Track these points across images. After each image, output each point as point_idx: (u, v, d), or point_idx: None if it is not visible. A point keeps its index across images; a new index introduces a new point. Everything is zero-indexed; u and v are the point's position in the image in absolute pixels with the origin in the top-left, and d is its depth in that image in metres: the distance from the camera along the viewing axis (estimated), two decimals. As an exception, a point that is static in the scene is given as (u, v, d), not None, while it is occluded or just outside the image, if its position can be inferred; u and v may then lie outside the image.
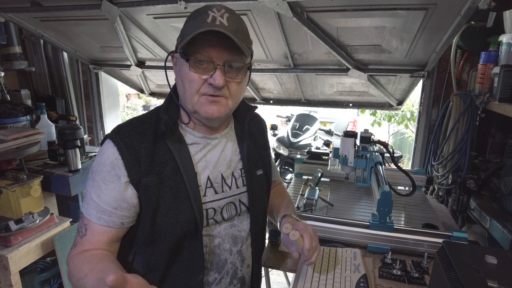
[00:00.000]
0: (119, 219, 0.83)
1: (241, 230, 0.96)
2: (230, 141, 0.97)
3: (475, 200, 1.58)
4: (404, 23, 1.45)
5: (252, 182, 0.96)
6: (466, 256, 0.81)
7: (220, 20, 0.78)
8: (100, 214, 0.81)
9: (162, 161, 0.84)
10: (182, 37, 0.83)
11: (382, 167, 1.44)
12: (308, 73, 2.02)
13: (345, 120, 6.18)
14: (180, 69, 0.84)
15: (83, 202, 0.86)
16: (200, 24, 0.77)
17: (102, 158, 0.82)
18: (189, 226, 0.84)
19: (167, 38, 1.97)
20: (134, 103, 9.53)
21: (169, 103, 0.91)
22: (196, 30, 0.76)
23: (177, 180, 0.84)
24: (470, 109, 1.63)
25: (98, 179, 0.82)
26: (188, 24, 0.82)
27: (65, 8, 1.78)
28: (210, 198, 0.90)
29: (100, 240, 0.83)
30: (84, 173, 1.96)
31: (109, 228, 0.83)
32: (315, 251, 0.90)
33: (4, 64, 2.28)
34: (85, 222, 0.84)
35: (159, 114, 0.87)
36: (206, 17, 0.78)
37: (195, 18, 0.80)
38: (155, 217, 0.83)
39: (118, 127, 0.86)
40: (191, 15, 0.83)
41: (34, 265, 1.79)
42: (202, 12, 0.80)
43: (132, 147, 0.81)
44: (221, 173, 0.92)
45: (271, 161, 1.11)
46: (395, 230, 1.23)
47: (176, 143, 0.86)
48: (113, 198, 0.81)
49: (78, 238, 0.84)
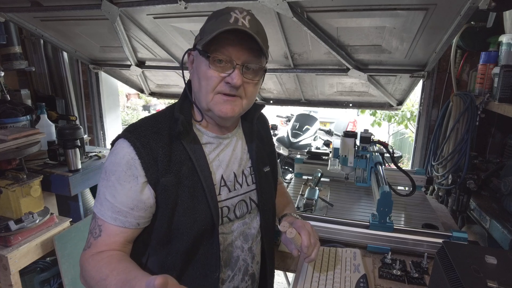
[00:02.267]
0: (135, 220, 0.82)
1: (252, 228, 0.98)
2: (240, 139, 0.98)
3: (475, 200, 1.58)
4: (404, 23, 1.45)
5: (261, 180, 0.98)
6: (466, 256, 0.80)
7: (242, 21, 0.79)
8: (115, 214, 0.81)
9: (179, 160, 0.83)
10: (202, 35, 0.83)
11: (382, 167, 1.44)
12: (308, 73, 2.02)
13: (345, 120, 6.18)
14: (198, 66, 0.85)
15: (96, 202, 0.84)
16: (222, 24, 0.78)
17: (116, 157, 0.81)
18: (206, 225, 0.85)
19: (167, 38, 1.97)
20: (134, 103, 9.54)
21: (183, 101, 0.91)
22: (219, 29, 0.77)
23: (194, 180, 0.84)
24: (470, 109, 1.63)
25: (113, 179, 0.80)
26: (210, 23, 0.82)
27: (65, 8, 1.78)
28: (225, 197, 0.91)
29: (115, 241, 0.82)
30: (84, 173, 1.96)
31: (125, 228, 0.82)
32: (314, 248, 0.90)
33: (4, 64, 2.28)
34: (99, 222, 0.82)
35: (175, 113, 0.87)
36: (228, 18, 0.79)
37: (217, 17, 0.81)
38: (173, 217, 0.83)
39: (132, 126, 0.85)
40: (212, 15, 0.84)
41: (34, 265, 1.79)
42: (224, 12, 0.81)
43: (149, 146, 0.81)
44: (233, 172, 0.93)
45: (276, 159, 1.12)
46: (395, 230, 1.23)
47: (191, 143, 0.86)
48: (129, 199, 0.80)
49: (91, 239, 0.83)
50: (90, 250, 0.81)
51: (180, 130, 0.84)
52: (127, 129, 0.85)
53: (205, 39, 0.79)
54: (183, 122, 0.84)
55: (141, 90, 2.83)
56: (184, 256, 0.86)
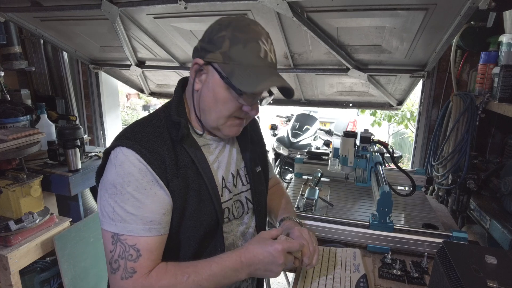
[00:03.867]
0: (167, 224, 0.79)
1: (249, 227, 0.99)
2: (234, 140, 0.99)
3: (475, 200, 1.58)
4: (404, 23, 1.45)
5: (254, 179, 0.99)
6: (466, 256, 0.80)
7: (271, 56, 0.80)
8: (149, 225, 0.75)
9: (184, 164, 0.81)
10: (226, 59, 0.78)
11: (382, 167, 1.44)
12: (308, 73, 2.02)
13: (345, 120, 6.18)
14: (215, 88, 0.81)
15: (111, 222, 0.74)
16: (254, 58, 0.78)
17: (123, 168, 0.74)
18: (211, 227, 0.85)
19: (167, 38, 1.97)
20: (134, 103, 9.53)
21: (178, 103, 0.88)
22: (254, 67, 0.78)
23: (199, 183, 0.83)
24: (470, 109, 1.62)
25: (130, 190, 0.74)
26: (236, 48, 0.77)
27: (65, 8, 1.78)
28: (227, 198, 0.91)
29: (159, 253, 0.78)
30: (84, 173, 1.96)
31: (162, 236, 0.78)
32: (314, 255, 0.89)
33: (4, 64, 2.28)
34: (130, 243, 0.74)
35: (172, 117, 0.84)
36: (258, 49, 0.78)
37: (245, 44, 0.77)
38: (181, 221, 0.81)
39: (130, 133, 0.79)
40: (235, 35, 0.78)
41: (34, 265, 1.79)
42: (251, 39, 0.78)
43: (155, 151, 0.77)
44: (231, 172, 0.94)
45: (267, 158, 1.13)
46: (395, 230, 1.23)
47: (192, 147, 0.85)
48: (159, 204, 0.76)
49: (130, 264, 0.73)
50: (138, 275, 0.73)
51: (184, 134, 0.82)
52: (124, 136, 0.79)
53: (239, 76, 0.77)
54: (186, 125, 0.84)
55: (141, 90, 2.83)
56: (191, 259, 0.85)
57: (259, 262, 0.79)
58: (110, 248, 0.75)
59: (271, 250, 0.78)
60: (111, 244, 0.74)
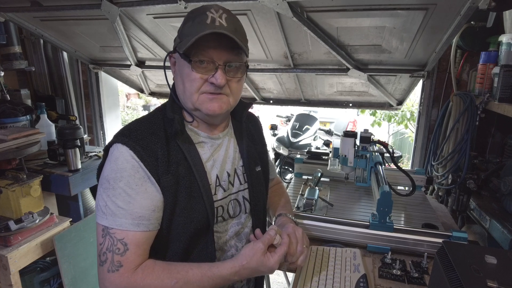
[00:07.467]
0: (157, 221, 0.81)
1: (245, 227, 0.98)
2: (232, 139, 0.99)
3: (475, 200, 1.58)
4: (404, 23, 1.45)
5: (252, 179, 0.99)
6: (466, 256, 0.80)
7: (219, 21, 0.79)
8: (137, 220, 0.77)
9: (176, 160, 0.83)
10: (181, 37, 0.83)
11: (382, 167, 1.44)
12: (308, 73, 2.02)
13: (345, 120, 6.19)
14: (181, 69, 0.85)
15: (102, 216, 0.77)
16: (200, 26, 0.78)
17: (117, 164, 0.78)
18: (202, 225, 0.85)
19: (167, 38, 1.97)
20: (134, 103, 9.52)
21: (172, 103, 0.91)
22: (198, 32, 0.77)
23: (191, 180, 0.84)
24: (470, 109, 1.63)
25: (122, 185, 0.77)
26: (187, 25, 0.82)
27: (65, 8, 1.78)
28: (221, 196, 0.91)
29: (146, 248, 0.79)
30: (84, 173, 1.96)
31: (150, 232, 0.79)
32: (300, 255, 0.88)
33: (4, 63, 2.27)
34: (118, 237, 0.76)
35: (167, 114, 0.87)
36: (205, 18, 0.79)
37: (194, 19, 0.81)
38: (172, 217, 0.83)
39: (127, 130, 0.83)
40: (188, 16, 0.84)
41: (33, 265, 1.78)
42: (200, 13, 0.81)
43: (148, 148, 0.80)
44: (226, 171, 0.94)
45: (268, 158, 1.13)
46: (395, 230, 1.23)
47: (186, 143, 0.86)
48: (149, 200, 0.79)
49: (116, 258, 0.75)
50: (124, 269, 0.75)
51: (178, 129, 0.84)
52: (121, 133, 0.82)
53: (184, 44, 0.79)
54: (179, 121, 0.85)
55: (141, 90, 2.83)
56: (181, 256, 0.86)
57: (252, 272, 0.83)
58: (100, 241, 0.77)
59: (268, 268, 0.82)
60: (101, 237, 0.77)
